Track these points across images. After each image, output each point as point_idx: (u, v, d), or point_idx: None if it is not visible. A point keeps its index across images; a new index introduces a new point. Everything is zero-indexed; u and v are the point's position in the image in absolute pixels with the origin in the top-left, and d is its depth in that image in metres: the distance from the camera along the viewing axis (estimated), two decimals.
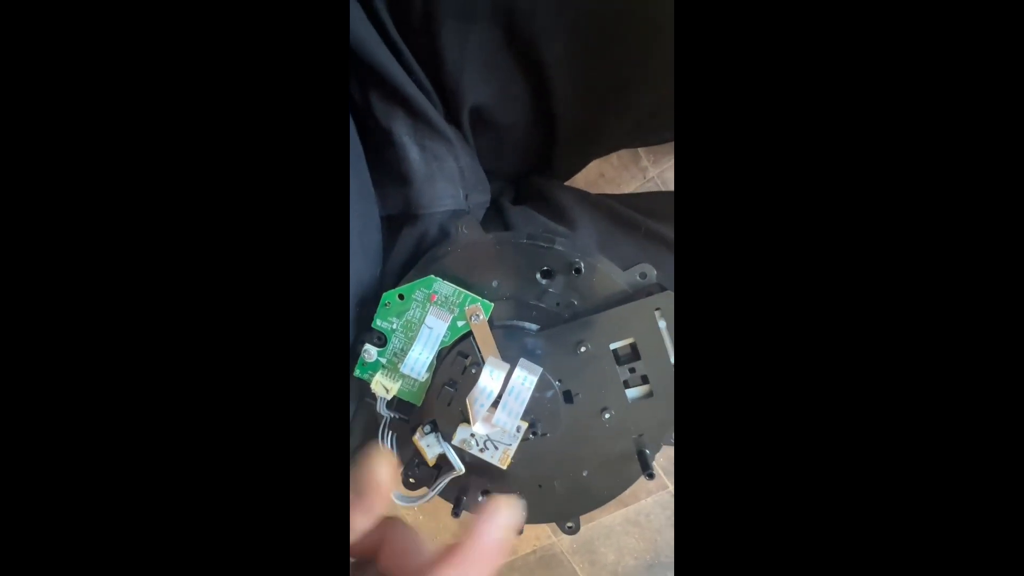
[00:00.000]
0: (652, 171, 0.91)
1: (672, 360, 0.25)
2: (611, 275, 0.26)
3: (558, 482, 0.27)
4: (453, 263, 0.26)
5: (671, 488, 0.94)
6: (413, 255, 0.30)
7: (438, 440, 0.27)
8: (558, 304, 0.26)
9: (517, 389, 0.25)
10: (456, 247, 0.26)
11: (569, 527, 0.29)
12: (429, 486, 0.27)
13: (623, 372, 0.26)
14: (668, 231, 0.31)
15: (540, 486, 0.28)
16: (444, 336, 0.26)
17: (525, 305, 0.26)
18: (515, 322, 0.26)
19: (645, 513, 0.96)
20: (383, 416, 0.27)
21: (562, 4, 0.27)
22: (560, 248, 0.26)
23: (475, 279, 0.26)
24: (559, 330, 0.25)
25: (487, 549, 0.19)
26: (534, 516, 0.29)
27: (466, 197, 0.31)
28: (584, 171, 0.50)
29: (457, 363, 0.26)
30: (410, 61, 0.29)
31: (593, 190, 1.00)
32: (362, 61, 0.27)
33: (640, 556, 0.97)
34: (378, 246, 0.30)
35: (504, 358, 0.25)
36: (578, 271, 0.25)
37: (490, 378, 0.25)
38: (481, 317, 0.26)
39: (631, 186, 0.93)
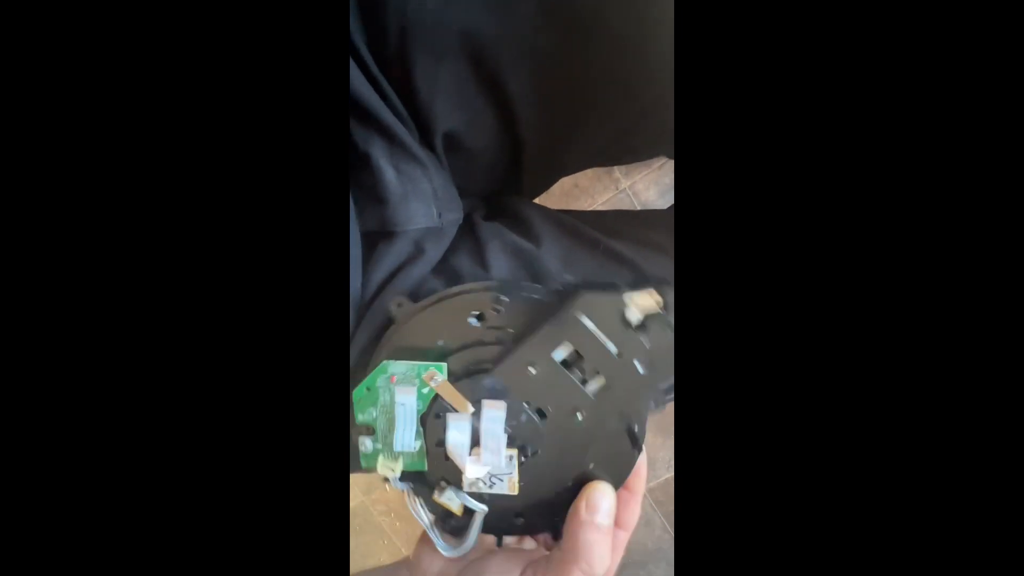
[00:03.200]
0: (624, 182, 0.95)
1: (612, 349, 0.27)
2: (533, 295, 0.28)
3: (572, 482, 0.29)
4: (399, 341, 0.29)
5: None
6: (390, 272, 0.32)
7: (455, 493, 0.29)
8: (498, 339, 0.28)
9: (490, 428, 0.28)
10: (396, 326, 0.29)
11: None
12: (467, 531, 0.30)
13: (575, 373, 0.28)
14: (623, 248, 0.34)
15: (557, 492, 0.29)
16: (417, 406, 0.29)
17: (472, 350, 0.28)
18: (470, 367, 0.28)
19: None
20: (402, 489, 0.30)
21: (523, 47, 0.30)
22: (475, 290, 0.28)
23: (423, 346, 0.29)
24: (507, 362, 0.28)
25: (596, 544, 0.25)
26: None
27: (439, 215, 0.34)
28: (559, 182, 0.51)
29: (436, 424, 0.29)
30: (387, 91, 0.31)
31: (568, 200, 1.03)
32: None
33: None
34: (358, 259, 0.32)
35: (473, 402, 0.28)
36: (498, 305, 0.28)
37: (457, 432, 0.28)
38: (439, 378, 0.28)
39: (604, 196, 0.96)
